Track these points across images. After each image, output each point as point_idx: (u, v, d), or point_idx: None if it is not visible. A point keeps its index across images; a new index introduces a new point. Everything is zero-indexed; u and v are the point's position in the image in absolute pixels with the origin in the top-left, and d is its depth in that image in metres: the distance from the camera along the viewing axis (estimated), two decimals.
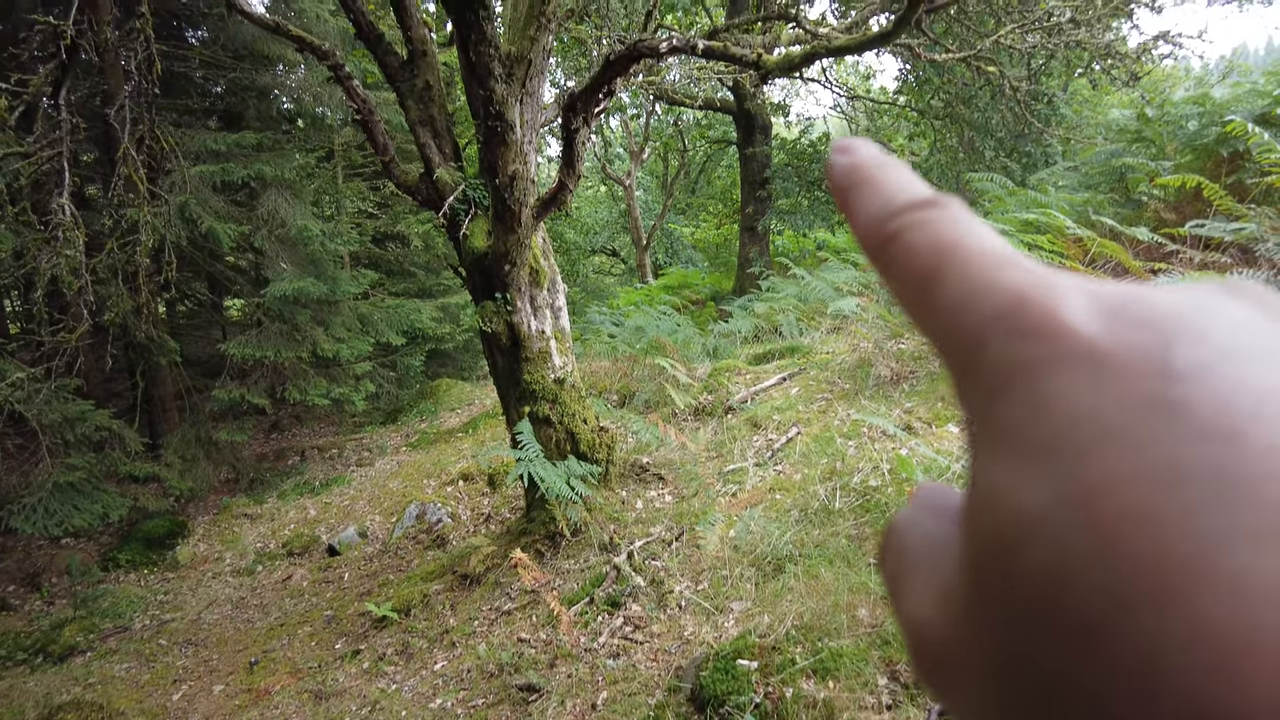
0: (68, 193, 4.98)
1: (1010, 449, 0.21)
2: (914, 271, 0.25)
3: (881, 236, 0.26)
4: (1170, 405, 0.18)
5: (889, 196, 0.27)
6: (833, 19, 9.53)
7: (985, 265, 0.24)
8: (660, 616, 3.83)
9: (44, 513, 6.53)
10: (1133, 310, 0.21)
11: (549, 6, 4.55)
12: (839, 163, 0.28)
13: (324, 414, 11.56)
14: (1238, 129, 5.31)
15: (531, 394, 5.22)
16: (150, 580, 7.26)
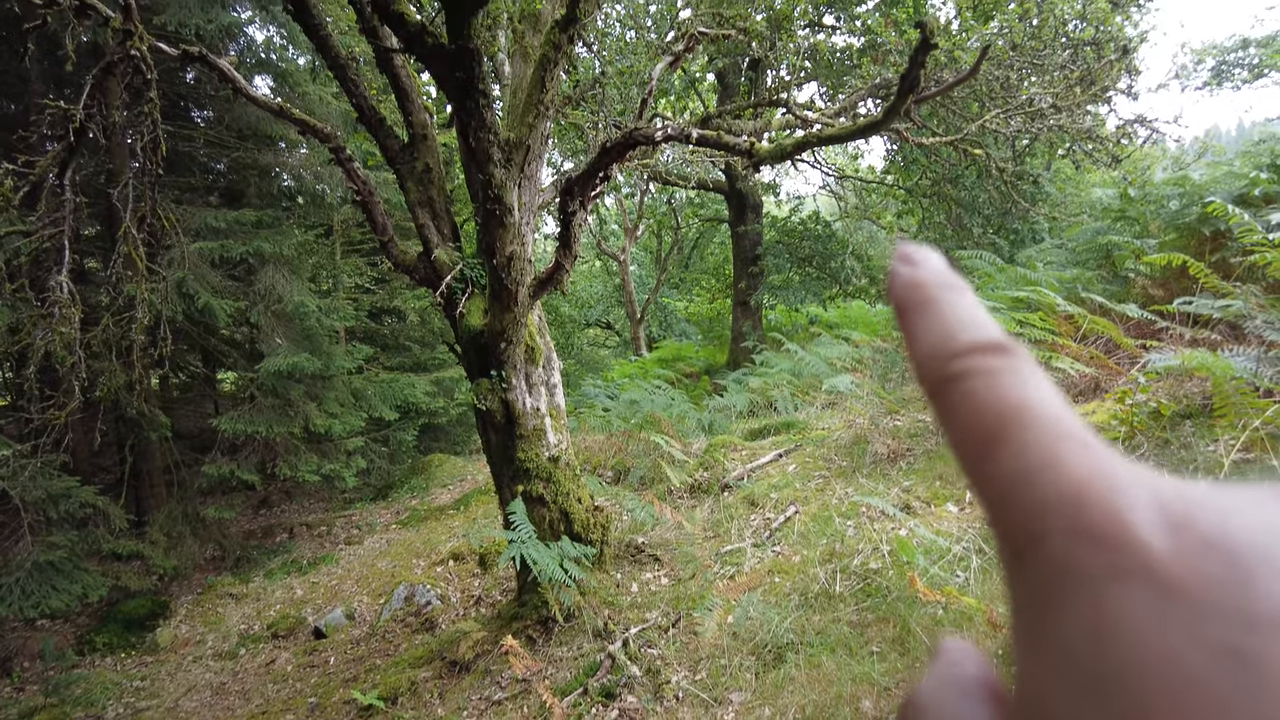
0: (67, 270, 5.00)
1: (1067, 670, 0.19)
2: (974, 429, 0.23)
3: (942, 375, 0.25)
4: (1252, 661, 0.17)
5: (952, 329, 0.25)
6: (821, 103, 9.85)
7: (1048, 437, 0.23)
8: (657, 709, 3.69)
9: (20, 594, 6.33)
10: (1202, 525, 0.20)
11: (547, 95, 4.69)
12: (902, 274, 0.27)
13: (314, 490, 11.39)
14: (1218, 210, 5.43)
15: (525, 472, 5.16)
16: (127, 664, 7.00)
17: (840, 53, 10.50)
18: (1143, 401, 4.50)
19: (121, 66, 5.15)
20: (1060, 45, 6.57)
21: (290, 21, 9.49)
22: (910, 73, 2.73)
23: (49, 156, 5.03)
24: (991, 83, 6.66)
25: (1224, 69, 21.52)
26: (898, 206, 17.45)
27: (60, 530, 6.94)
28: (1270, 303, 5.41)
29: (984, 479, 0.23)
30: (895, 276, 0.27)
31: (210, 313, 7.97)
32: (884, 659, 3.43)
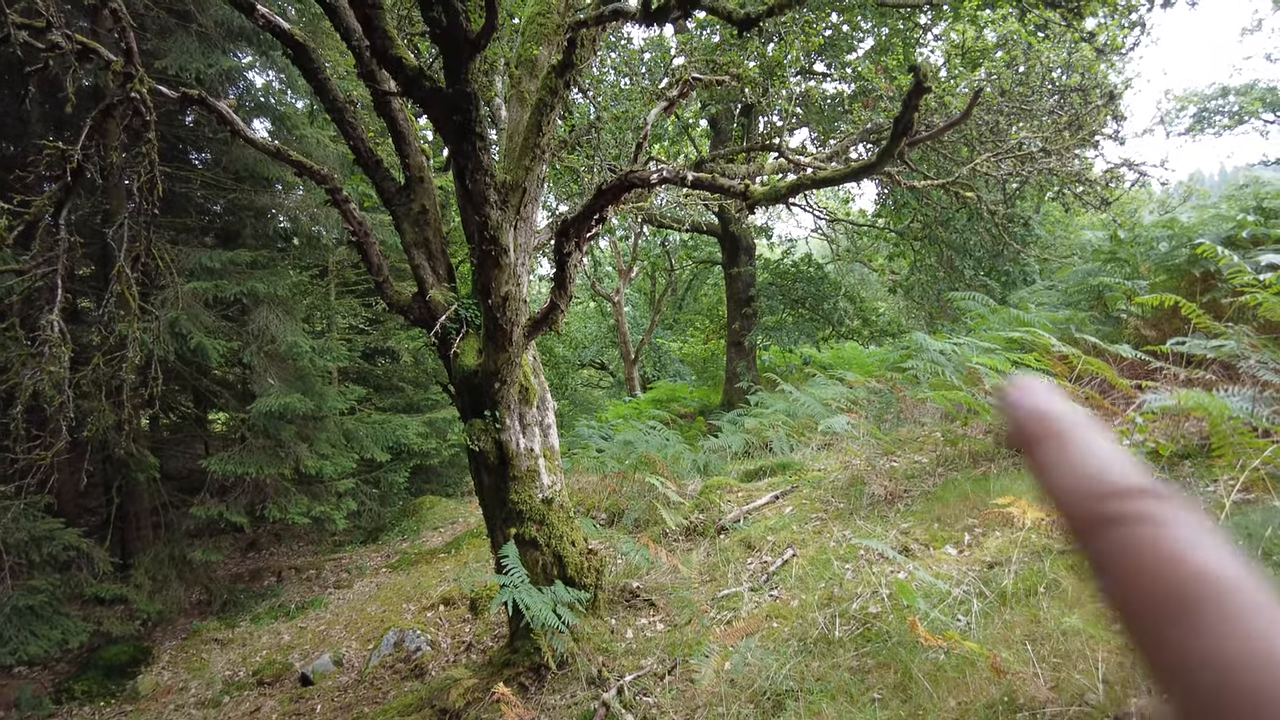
0: (58, 309, 4.98)
1: None
2: (1150, 587, 0.22)
3: (1094, 516, 0.24)
4: None
5: (1098, 468, 0.24)
6: (812, 148, 10.00)
7: (1244, 621, 0.21)
8: None
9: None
10: None
11: (543, 139, 4.73)
12: (1023, 407, 0.26)
13: (303, 532, 11.22)
14: (1208, 251, 5.49)
15: (518, 515, 5.08)
16: (107, 713, 6.79)
17: (831, 99, 10.70)
18: (1140, 441, 4.48)
19: (121, 108, 5.19)
20: (1047, 91, 6.70)
21: (289, 66, 9.63)
22: (904, 115, 2.76)
23: (45, 196, 5.04)
24: (981, 127, 6.77)
25: (1205, 115, 22.03)
26: (889, 249, 17.64)
27: (42, 574, 6.79)
28: (1263, 343, 5.44)
29: (1164, 645, 0.22)
30: (1016, 407, 0.26)
31: (203, 353, 7.93)
32: (885, 706, 3.35)
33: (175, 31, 9.03)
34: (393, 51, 4.41)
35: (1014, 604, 3.56)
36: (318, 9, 10.09)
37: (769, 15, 3.61)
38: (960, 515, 4.87)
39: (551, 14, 5.61)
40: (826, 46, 9.90)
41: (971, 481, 5.33)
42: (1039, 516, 4.19)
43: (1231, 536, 3.52)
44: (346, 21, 4.94)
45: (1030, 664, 3.00)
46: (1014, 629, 3.31)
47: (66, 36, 4.95)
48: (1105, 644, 2.89)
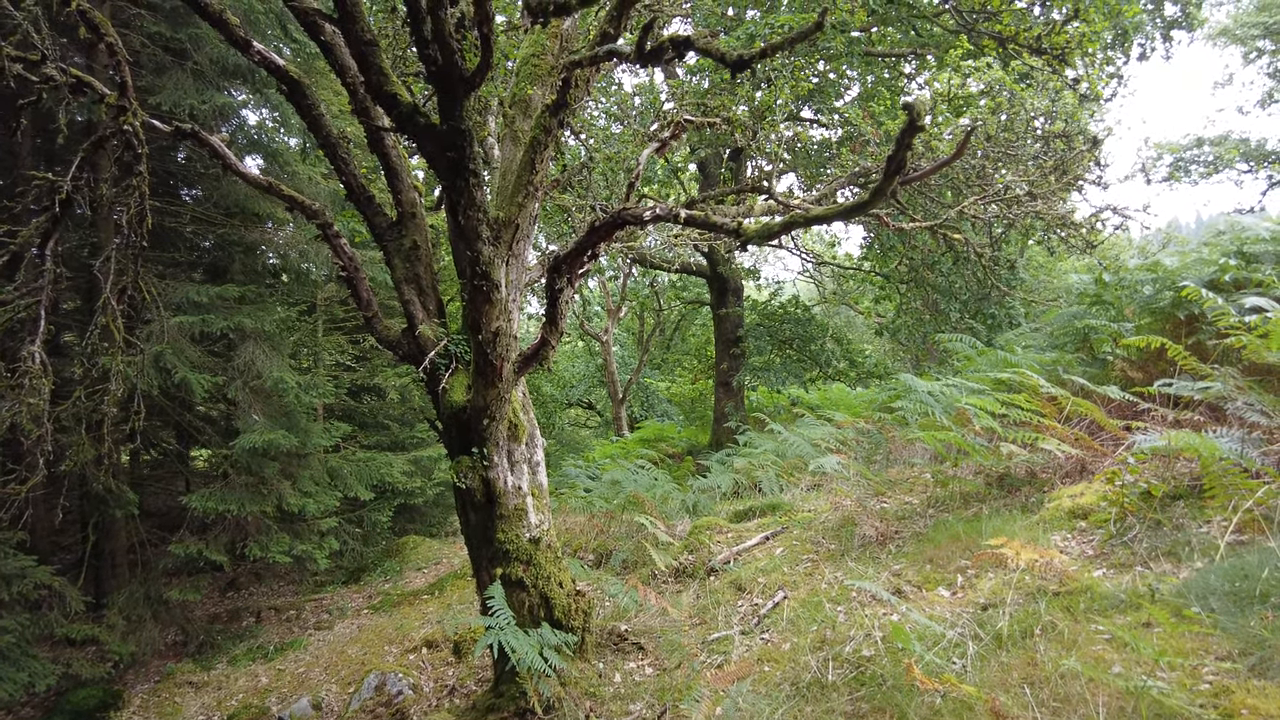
0: (40, 341, 4.90)
1: None
2: None
3: None
4: None
5: None
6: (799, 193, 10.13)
7: None
8: None
9: None
10: None
11: (536, 176, 4.76)
12: None
13: (284, 572, 10.98)
14: (1192, 294, 5.55)
15: (505, 554, 4.99)
16: None
17: (819, 145, 10.88)
18: (1132, 482, 4.47)
19: (114, 141, 5.19)
20: (1032, 137, 6.83)
21: (283, 104, 9.70)
22: (897, 154, 2.79)
23: (33, 225, 5.00)
24: (968, 172, 6.88)
25: (1182, 164, 22.55)
26: (875, 293, 17.81)
27: (11, 613, 6.59)
28: (1249, 385, 5.48)
29: None
30: None
31: (187, 387, 7.82)
32: None
33: (170, 69, 9.10)
34: (387, 88, 4.45)
35: (1010, 646, 3.50)
36: (313, 48, 10.21)
37: (761, 58, 3.66)
38: (953, 556, 4.82)
39: (546, 55, 5.68)
40: (815, 93, 10.10)
41: (963, 523, 5.29)
42: (1032, 558, 4.16)
43: (1229, 578, 3.49)
44: (341, 59, 4.98)
45: (1029, 708, 2.94)
46: (1011, 672, 3.25)
47: (61, 70, 4.96)
48: (1105, 687, 2.83)
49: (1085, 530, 4.75)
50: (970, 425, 6.03)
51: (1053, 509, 5.06)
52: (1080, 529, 4.77)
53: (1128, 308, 7.75)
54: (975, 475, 6.25)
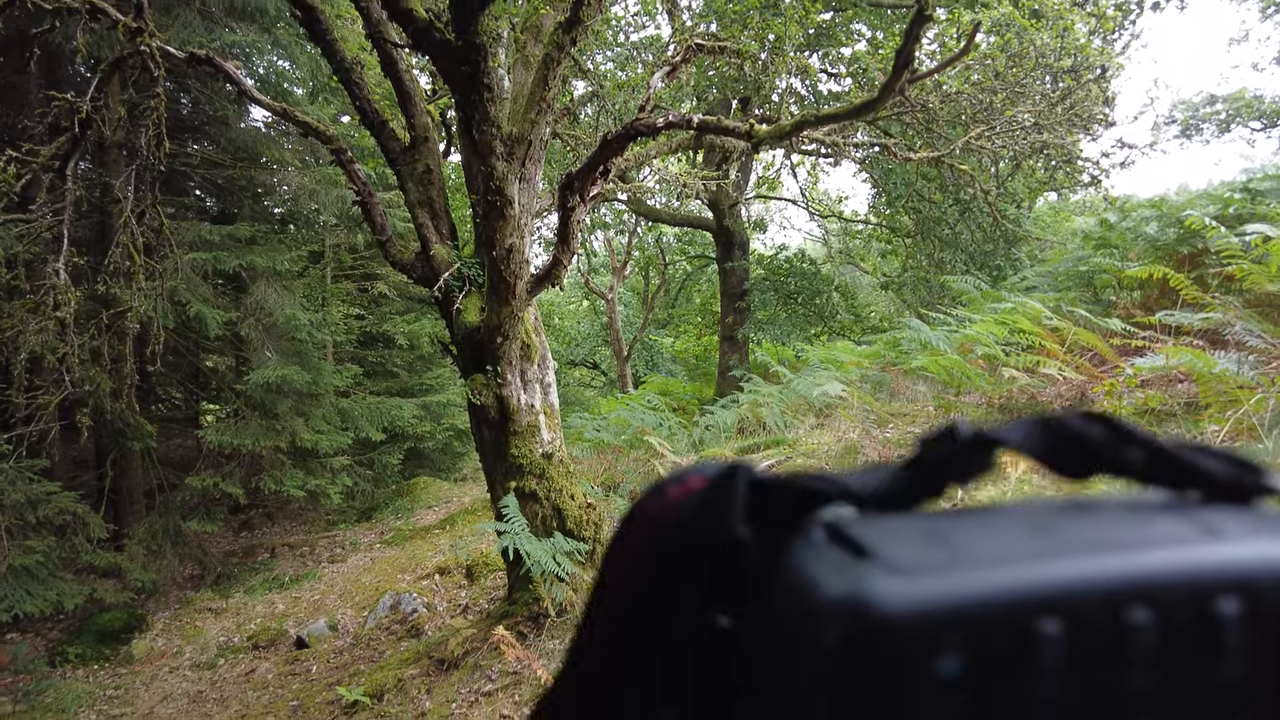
0: (64, 258, 5.01)
1: None
2: None
3: None
4: None
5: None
6: None
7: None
8: None
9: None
10: None
11: (549, 93, 4.82)
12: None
13: (296, 511, 11.21)
14: (1195, 223, 5.61)
15: (518, 468, 5.14)
16: (101, 675, 6.78)
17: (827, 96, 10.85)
18: (1128, 393, 4.59)
19: (130, 62, 5.25)
20: (1041, 72, 6.83)
21: (293, 43, 9.68)
22: (906, 47, 2.85)
23: (54, 145, 5.08)
24: (975, 106, 6.89)
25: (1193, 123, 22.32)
26: (880, 249, 17.78)
27: (38, 535, 6.79)
28: (1249, 314, 5.56)
29: None
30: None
31: (201, 321, 7.94)
32: None
33: (177, 7, 9.08)
34: (403, 4, 4.50)
35: None
36: None
37: None
38: None
39: None
40: (823, 35, 10.03)
41: None
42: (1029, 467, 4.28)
43: None
44: None
45: None
46: None
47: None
48: None
49: None
50: (972, 354, 6.14)
51: None
52: None
53: (1132, 250, 7.80)
54: (977, 405, 6.37)
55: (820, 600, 0.22)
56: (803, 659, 0.21)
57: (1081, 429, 0.26)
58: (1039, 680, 0.20)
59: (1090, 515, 0.25)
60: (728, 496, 0.26)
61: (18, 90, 8.57)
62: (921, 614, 0.20)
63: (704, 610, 0.26)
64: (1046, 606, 0.20)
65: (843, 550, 0.24)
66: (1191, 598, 0.21)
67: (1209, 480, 0.26)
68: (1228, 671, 0.21)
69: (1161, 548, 0.22)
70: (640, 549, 0.29)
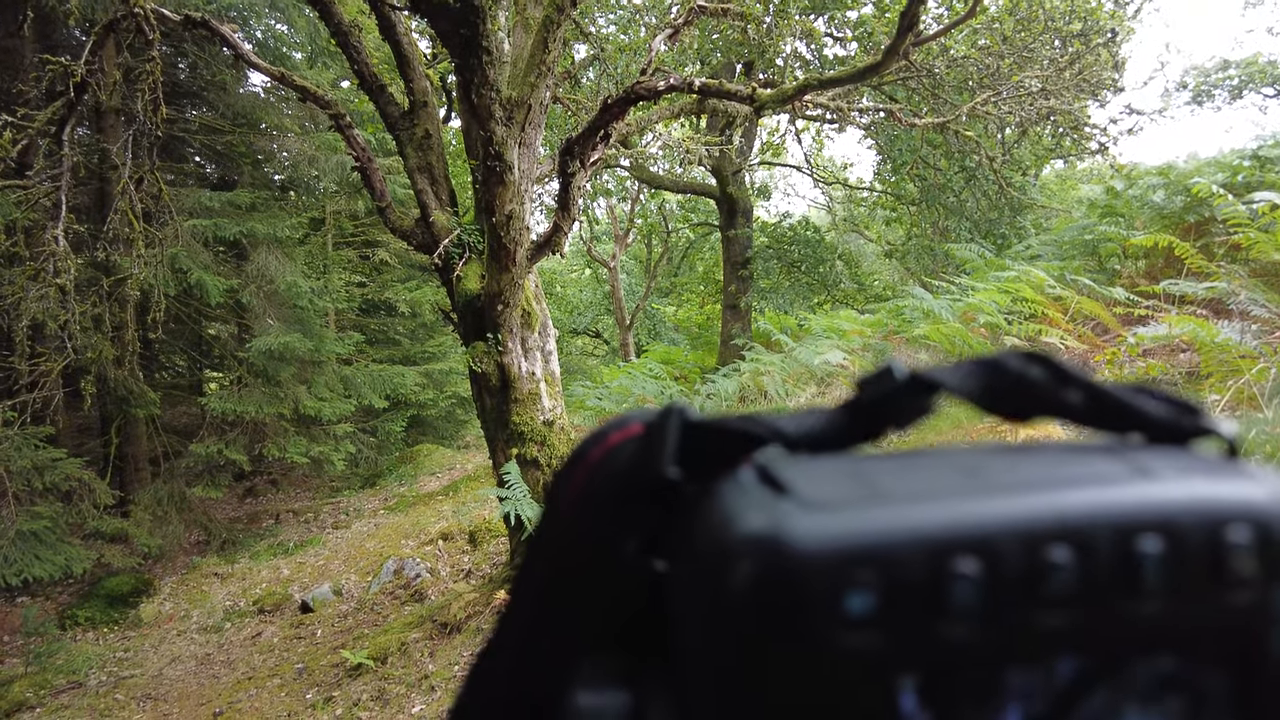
0: (63, 225, 4.99)
1: None
2: None
3: None
4: None
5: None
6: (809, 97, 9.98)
7: None
8: None
9: (3, 561, 6.23)
10: None
11: (549, 56, 4.75)
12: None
13: (300, 479, 11.30)
14: (1203, 191, 5.55)
15: (520, 435, 5.16)
16: (110, 638, 6.90)
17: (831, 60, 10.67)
18: (1130, 362, 4.58)
19: (124, 24, 5.17)
20: (1049, 36, 6.72)
21: (290, 6, 9.54)
22: (910, 8, 2.80)
23: (48, 110, 5.04)
24: (982, 72, 6.79)
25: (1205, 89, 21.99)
26: (885, 216, 17.64)
27: (45, 501, 6.86)
28: (1254, 283, 5.53)
29: None
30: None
31: (202, 289, 7.94)
32: None
33: None
34: None
35: None
36: None
37: None
38: (953, 438, 4.97)
39: None
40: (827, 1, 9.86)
41: (965, 410, 5.43)
42: (1030, 433, 4.30)
43: None
44: None
45: None
46: None
47: None
48: None
49: None
50: (975, 323, 6.12)
51: None
52: None
53: (1138, 219, 7.74)
54: None
55: (734, 536, 0.22)
56: (717, 595, 0.21)
57: (1020, 370, 0.26)
58: (954, 619, 0.20)
59: (1023, 457, 0.25)
60: (661, 438, 0.26)
61: (11, 54, 8.47)
62: (833, 549, 0.20)
63: (639, 555, 0.26)
64: (962, 544, 0.20)
65: (766, 489, 0.23)
66: (1112, 536, 0.21)
67: (1147, 422, 0.26)
68: (1147, 610, 0.21)
69: (1086, 487, 0.22)
70: (578, 494, 0.29)
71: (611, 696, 0.27)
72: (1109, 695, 0.21)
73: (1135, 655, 0.21)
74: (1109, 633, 0.21)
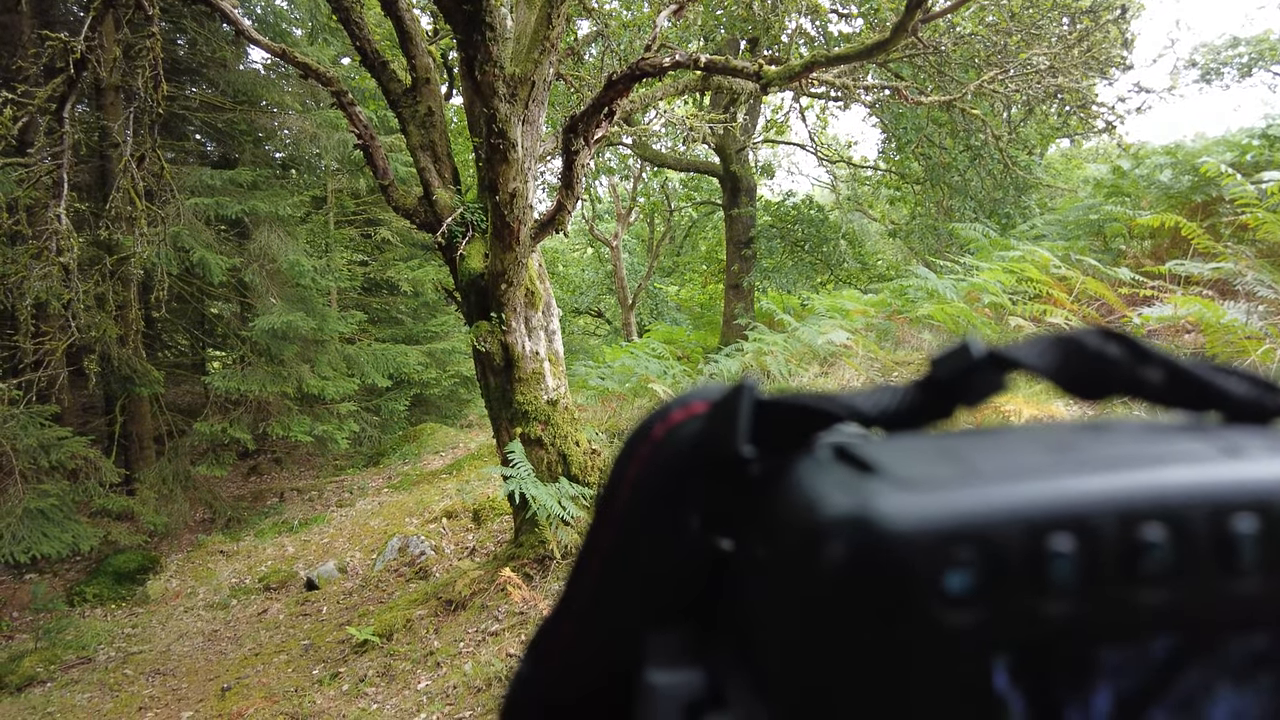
0: (65, 203, 4.98)
1: None
2: None
3: None
4: None
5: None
6: None
7: None
8: None
9: (11, 539, 6.29)
10: None
11: (553, 32, 4.70)
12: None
13: (304, 457, 11.35)
14: (1210, 170, 5.51)
15: (524, 415, 5.17)
16: (118, 614, 6.97)
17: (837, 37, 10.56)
18: None
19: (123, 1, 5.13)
20: (1058, 13, 6.64)
21: None
22: None
23: (49, 87, 5.00)
24: (989, 49, 6.72)
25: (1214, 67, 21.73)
26: (889, 195, 17.54)
27: (52, 480, 6.90)
28: (1261, 263, 5.50)
29: None
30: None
31: (205, 268, 7.93)
32: None
33: None
34: None
35: None
36: None
37: None
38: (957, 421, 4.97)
39: None
40: None
41: None
42: (1034, 413, 4.30)
43: None
44: None
45: None
46: None
47: None
48: None
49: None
50: (979, 303, 6.10)
51: None
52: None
53: (1145, 199, 7.68)
54: None
55: (824, 516, 0.21)
56: (807, 577, 0.21)
57: (1099, 347, 0.26)
58: (1051, 596, 0.20)
59: (1107, 434, 0.25)
60: (732, 415, 0.26)
61: (9, 30, 8.40)
62: (929, 529, 0.20)
63: (705, 532, 0.26)
64: (1059, 522, 0.20)
65: (849, 467, 0.23)
66: (1208, 515, 0.21)
67: (1229, 401, 0.26)
68: (1242, 589, 0.21)
69: (1178, 464, 0.22)
70: (641, 470, 0.29)
71: (686, 675, 0.26)
72: (1202, 673, 0.21)
73: (1230, 633, 0.21)
74: (1204, 611, 0.21)
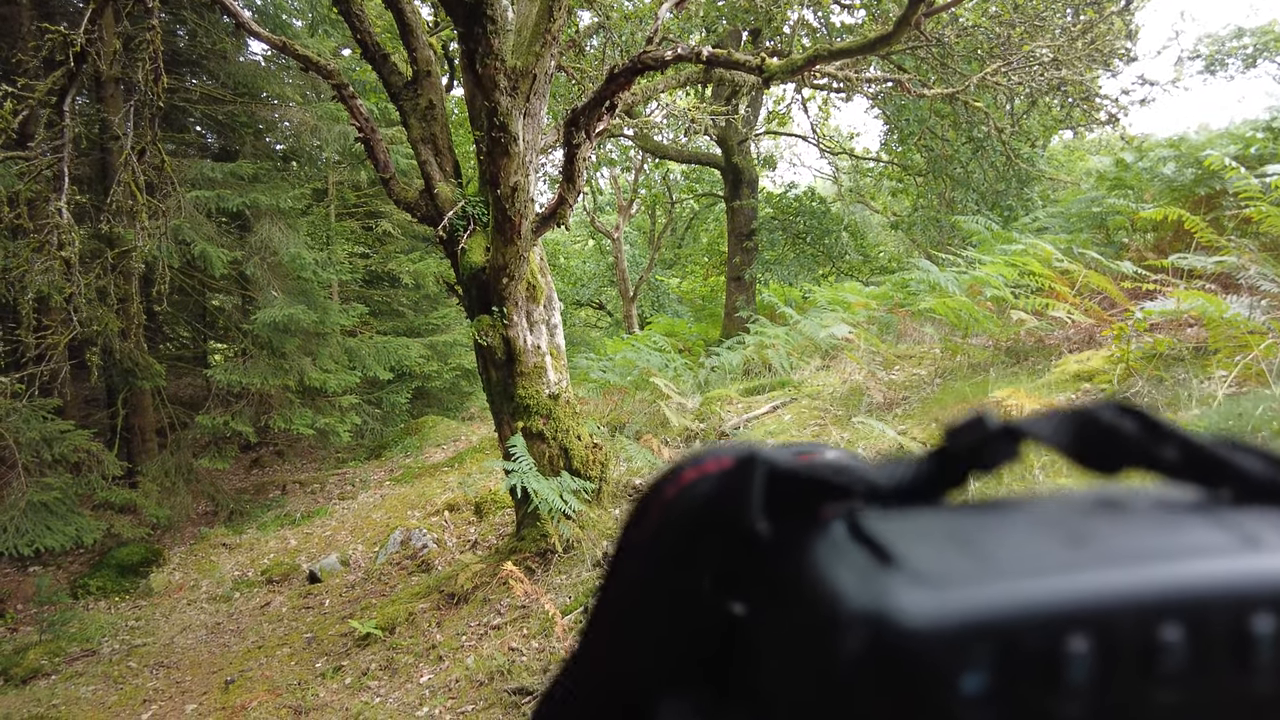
0: (65, 197, 4.97)
1: None
2: None
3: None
4: None
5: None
6: None
7: None
8: None
9: (14, 531, 6.31)
10: None
11: (554, 25, 4.68)
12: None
13: (306, 450, 11.37)
14: (1214, 163, 5.48)
15: (525, 409, 5.17)
16: (121, 607, 7.00)
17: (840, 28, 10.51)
18: (1137, 337, 4.56)
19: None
20: (1062, 4, 6.60)
21: None
22: None
23: (49, 80, 4.99)
24: (992, 41, 6.69)
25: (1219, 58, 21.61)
26: (891, 187, 17.49)
27: (54, 473, 6.92)
28: (1264, 257, 5.48)
29: None
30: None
31: (206, 260, 7.92)
32: None
33: None
34: None
35: (1011, 483, 3.68)
36: None
37: None
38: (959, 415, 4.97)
39: None
40: None
41: (970, 385, 5.43)
42: (1036, 408, 4.29)
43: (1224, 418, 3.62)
44: None
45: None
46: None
47: None
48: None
49: (1090, 391, 4.88)
50: (981, 296, 6.09)
51: (1059, 373, 5.18)
52: (1085, 389, 4.89)
53: (1148, 191, 7.65)
54: (984, 348, 6.35)
55: (843, 609, 0.21)
56: (822, 667, 0.21)
57: (1113, 423, 0.25)
58: (1065, 697, 0.20)
59: (1122, 517, 0.24)
60: (746, 487, 0.26)
61: (9, 22, 8.38)
62: (947, 629, 0.20)
63: (716, 596, 0.26)
64: (1077, 622, 0.20)
65: (865, 550, 0.23)
66: (1227, 615, 0.21)
67: (1244, 479, 0.25)
68: (1256, 688, 0.20)
69: (1198, 559, 0.22)
70: (653, 531, 0.28)
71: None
72: None
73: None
74: (1217, 711, 0.20)
